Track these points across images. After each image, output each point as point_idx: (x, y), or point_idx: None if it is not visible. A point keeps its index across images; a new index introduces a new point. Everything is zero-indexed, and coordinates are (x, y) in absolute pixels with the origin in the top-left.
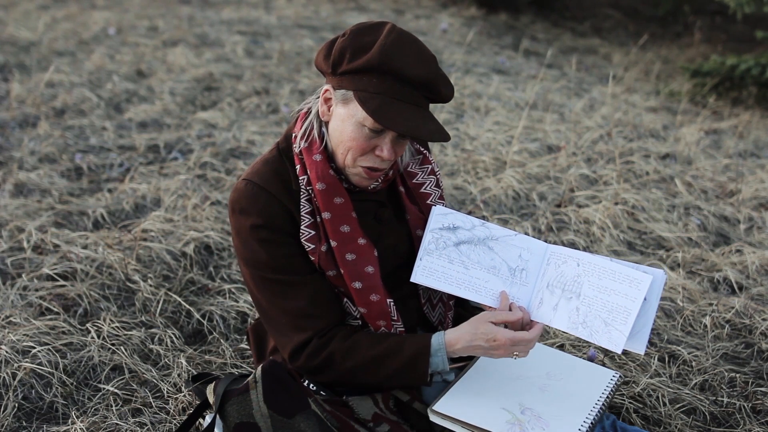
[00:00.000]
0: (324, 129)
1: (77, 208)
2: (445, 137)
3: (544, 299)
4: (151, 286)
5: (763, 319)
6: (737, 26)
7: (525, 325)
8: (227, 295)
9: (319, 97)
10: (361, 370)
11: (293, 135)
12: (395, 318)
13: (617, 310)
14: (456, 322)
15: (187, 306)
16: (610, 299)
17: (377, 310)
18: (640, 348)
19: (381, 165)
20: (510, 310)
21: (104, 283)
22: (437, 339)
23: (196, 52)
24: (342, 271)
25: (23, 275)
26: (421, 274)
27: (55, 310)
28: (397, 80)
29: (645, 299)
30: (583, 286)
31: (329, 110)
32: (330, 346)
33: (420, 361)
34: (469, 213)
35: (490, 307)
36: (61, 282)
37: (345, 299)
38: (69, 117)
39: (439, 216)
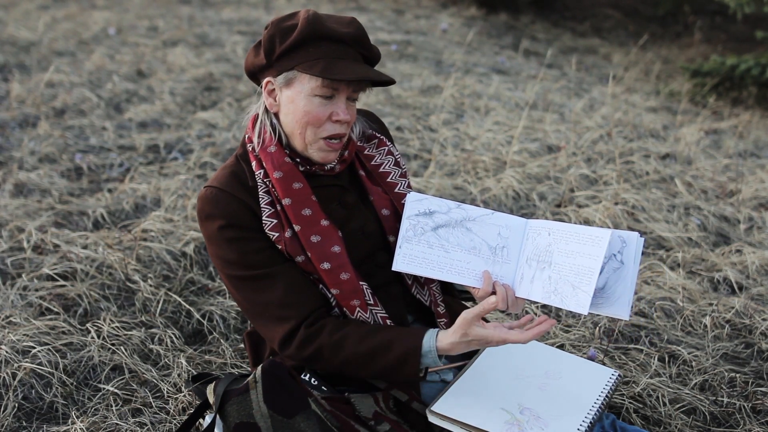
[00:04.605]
0: (275, 121)
1: (77, 208)
2: (391, 80)
3: (524, 274)
4: (151, 286)
5: (763, 319)
6: (737, 26)
7: (510, 303)
8: (227, 295)
9: (261, 96)
10: (351, 365)
11: (247, 137)
12: (371, 302)
13: (583, 271)
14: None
15: (187, 306)
16: (577, 262)
17: (349, 288)
18: (623, 314)
19: (340, 130)
20: (493, 289)
21: (104, 283)
22: (428, 342)
23: (196, 52)
24: (309, 254)
25: (23, 275)
26: (402, 262)
27: (55, 310)
28: (332, 41)
29: (622, 263)
30: (554, 254)
31: (276, 100)
32: (318, 339)
33: (410, 361)
34: None
35: (475, 288)
36: (61, 282)
37: (320, 285)
38: (69, 117)
39: (414, 202)
